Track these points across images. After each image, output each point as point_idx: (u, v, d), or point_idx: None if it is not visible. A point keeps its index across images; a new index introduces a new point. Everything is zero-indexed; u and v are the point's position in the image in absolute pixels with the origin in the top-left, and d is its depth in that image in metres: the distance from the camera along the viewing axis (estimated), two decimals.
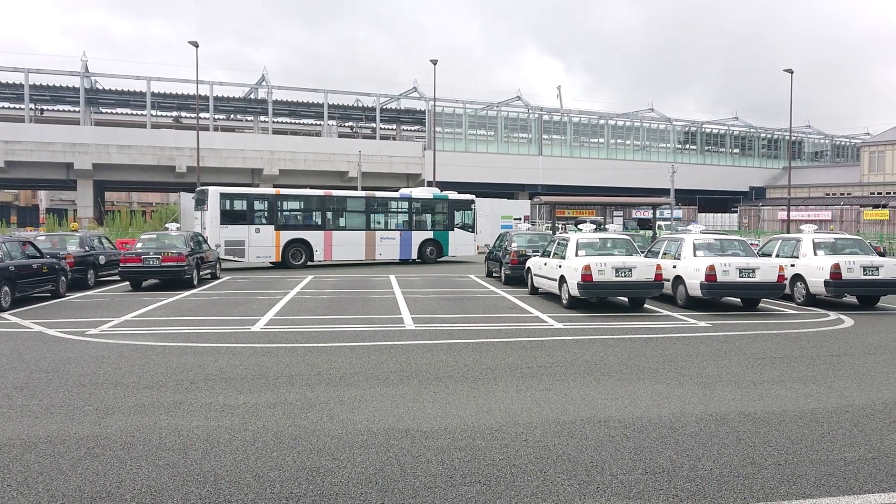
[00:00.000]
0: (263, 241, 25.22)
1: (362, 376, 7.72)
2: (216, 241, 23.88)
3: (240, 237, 24.74)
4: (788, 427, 5.84)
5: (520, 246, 19.29)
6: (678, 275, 14.20)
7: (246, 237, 24.87)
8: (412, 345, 9.78)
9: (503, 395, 6.88)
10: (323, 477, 4.66)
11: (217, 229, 24.23)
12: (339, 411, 6.28)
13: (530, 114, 65.86)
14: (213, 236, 23.82)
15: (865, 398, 6.86)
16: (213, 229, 24.10)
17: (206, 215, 24.50)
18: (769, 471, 4.82)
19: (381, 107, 63.50)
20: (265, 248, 25.26)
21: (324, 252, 26.46)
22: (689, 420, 6.05)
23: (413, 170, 59.06)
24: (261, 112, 63.03)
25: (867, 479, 4.68)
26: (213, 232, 24.01)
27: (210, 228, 24.10)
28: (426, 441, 5.42)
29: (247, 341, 10.02)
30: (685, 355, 9.13)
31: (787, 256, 15.28)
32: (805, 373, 8.06)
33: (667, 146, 72.08)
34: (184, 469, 4.80)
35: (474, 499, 4.31)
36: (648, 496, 4.36)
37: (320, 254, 26.38)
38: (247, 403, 6.55)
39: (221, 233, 24.30)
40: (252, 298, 15.54)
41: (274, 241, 25.42)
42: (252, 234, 24.99)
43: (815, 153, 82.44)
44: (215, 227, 24.22)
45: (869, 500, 4.32)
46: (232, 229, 24.60)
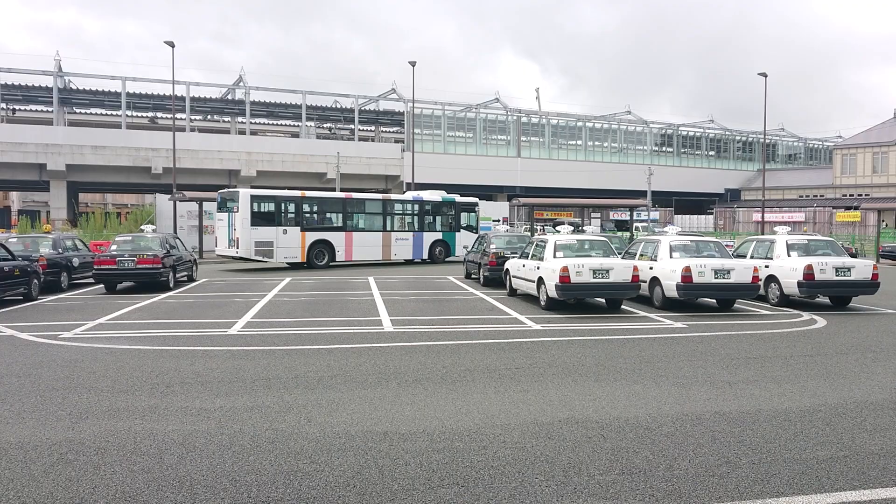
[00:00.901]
0: (290, 242, 25.74)
1: (340, 379, 7.69)
2: (247, 242, 24.55)
3: (269, 238, 25.21)
4: (762, 426, 5.92)
5: (498, 248, 19.34)
6: (655, 276, 14.32)
7: (274, 238, 25.35)
8: (390, 347, 9.77)
9: (481, 397, 6.89)
10: (300, 480, 4.63)
11: (248, 231, 24.68)
12: (317, 414, 6.25)
13: (509, 116, 66.07)
14: (243, 237, 24.50)
15: (837, 398, 6.96)
16: (243, 230, 24.58)
17: (235, 217, 24.80)
18: (744, 470, 4.87)
19: (360, 108, 63.33)
20: (292, 248, 25.79)
21: (345, 252, 27.12)
22: (666, 420, 6.11)
23: (392, 171, 58.97)
24: (238, 113, 62.55)
25: (839, 477, 4.75)
26: (243, 233, 24.56)
27: (241, 230, 24.56)
28: (404, 443, 5.41)
29: (223, 344, 9.94)
30: (662, 356, 9.21)
31: (762, 258, 15.47)
32: (779, 373, 8.16)
33: (644, 148, 72.67)
34: (159, 474, 4.75)
35: (452, 500, 4.32)
36: (625, 496, 4.40)
37: (342, 254, 27.01)
38: (223, 407, 6.50)
39: (252, 234, 24.77)
40: (229, 301, 15.42)
41: (300, 242, 25.98)
42: (280, 235, 25.49)
43: (788, 156, 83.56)
44: (246, 229, 24.66)
45: (841, 497, 4.39)
46: (261, 230, 25.06)
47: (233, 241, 24.98)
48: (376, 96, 64.59)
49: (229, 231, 25.03)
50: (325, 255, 26.46)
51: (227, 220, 25.38)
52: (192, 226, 36.62)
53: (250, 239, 24.71)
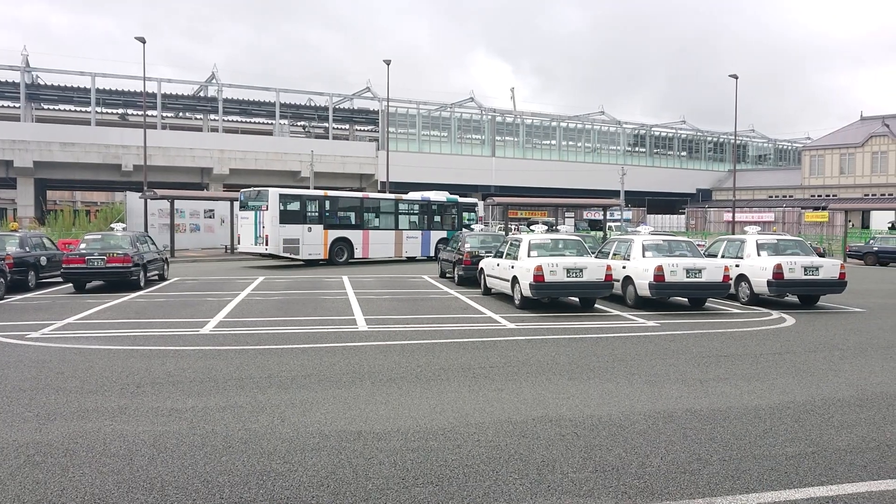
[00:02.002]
0: (314, 240, 26.81)
1: (314, 378, 7.65)
2: (275, 239, 25.39)
3: (295, 235, 26.15)
4: (733, 423, 6.00)
5: (473, 247, 19.37)
6: (628, 275, 14.44)
7: (300, 235, 26.33)
8: (365, 346, 9.73)
9: (456, 396, 6.90)
10: (273, 481, 4.60)
11: (277, 228, 25.53)
12: (291, 414, 6.21)
13: (483, 115, 66.20)
14: (272, 235, 25.36)
15: (806, 395, 7.08)
16: (272, 228, 25.42)
17: (264, 215, 25.65)
18: (715, 466, 4.93)
19: (334, 106, 63.04)
20: (316, 245, 26.84)
21: (362, 250, 28.22)
22: (638, 418, 6.16)
23: (366, 170, 58.79)
24: (211, 110, 61.86)
25: (807, 473, 4.83)
26: (272, 231, 25.40)
27: (270, 227, 25.40)
28: (378, 443, 5.40)
29: (195, 344, 9.83)
30: (634, 354, 9.29)
31: (732, 257, 15.68)
32: (749, 370, 8.28)
33: (617, 148, 73.28)
34: (129, 475, 4.68)
35: (427, 500, 4.31)
36: (598, 494, 4.43)
37: (359, 251, 28.08)
38: (195, 407, 6.43)
39: (280, 232, 25.59)
40: (201, 300, 15.25)
41: (322, 240, 27.07)
42: (305, 233, 26.51)
43: (758, 156, 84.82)
44: (275, 227, 25.50)
45: (809, 493, 4.47)
46: (288, 228, 25.95)
47: (260, 239, 25.78)
48: (351, 95, 64.33)
49: (256, 229, 25.87)
50: (344, 253, 27.56)
51: (254, 218, 26.16)
52: (163, 224, 36.21)
53: (279, 236, 25.53)
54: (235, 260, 31.37)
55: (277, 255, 25.99)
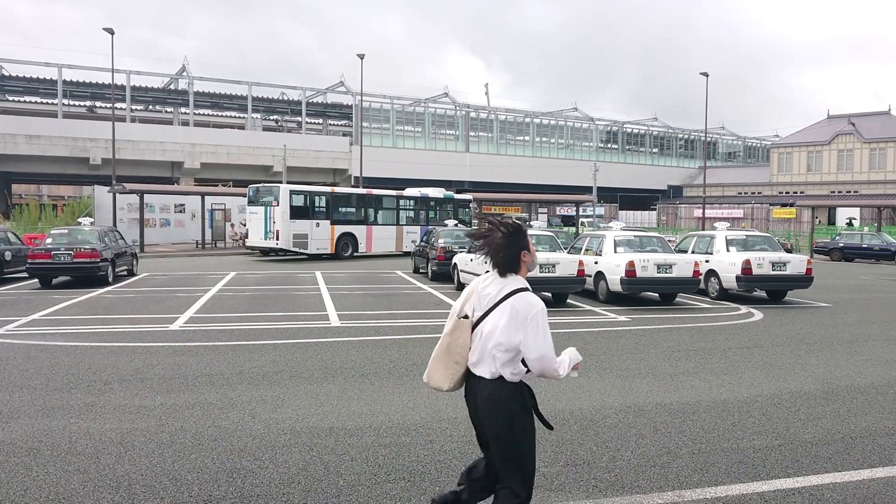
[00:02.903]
0: (322, 235, 27.68)
1: (286, 374, 7.59)
2: (286, 234, 26.25)
3: (304, 231, 27.10)
4: (702, 417, 6.07)
5: (446, 242, 19.37)
6: (600, 270, 14.55)
7: (309, 231, 27.24)
8: (337, 342, 9.68)
9: (428, 391, 6.88)
10: (244, 478, 4.55)
11: (287, 223, 26.40)
12: (262, 411, 6.15)
13: (457, 111, 66.15)
14: (283, 230, 26.24)
15: (773, 388, 7.19)
16: (283, 223, 26.31)
17: (274, 210, 26.48)
18: (684, 460, 4.99)
19: (307, 101, 62.50)
20: (323, 240, 27.72)
21: (366, 245, 29.08)
22: (609, 412, 6.21)
23: (340, 165, 58.42)
24: (181, 103, 60.95)
25: (774, 465, 4.91)
26: (283, 226, 26.30)
27: (280, 223, 26.29)
28: (351, 439, 5.37)
29: (165, 340, 9.70)
30: (605, 349, 9.36)
31: (702, 253, 15.87)
32: (718, 364, 8.39)
33: (590, 145, 73.70)
34: (95, 474, 4.60)
35: (399, 495, 4.30)
36: (569, 488, 4.45)
37: (363, 246, 28.92)
38: (164, 404, 6.34)
39: (290, 227, 26.49)
40: (171, 296, 15.06)
41: (329, 235, 27.94)
42: (313, 228, 27.42)
43: (728, 154, 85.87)
44: (286, 222, 26.38)
45: (776, 485, 4.53)
46: (298, 223, 26.85)
47: (270, 234, 26.60)
48: (324, 89, 63.83)
49: (266, 224, 26.65)
50: (349, 247, 28.46)
51: (264, 213, 26.86)
52: (132, 219, 35.68)
53: (289, 231, 26.43)
54: (207, 255, 31.03)
55: (287, 249, 26.78)
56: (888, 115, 64.07)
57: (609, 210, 68.59)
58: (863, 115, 64.70)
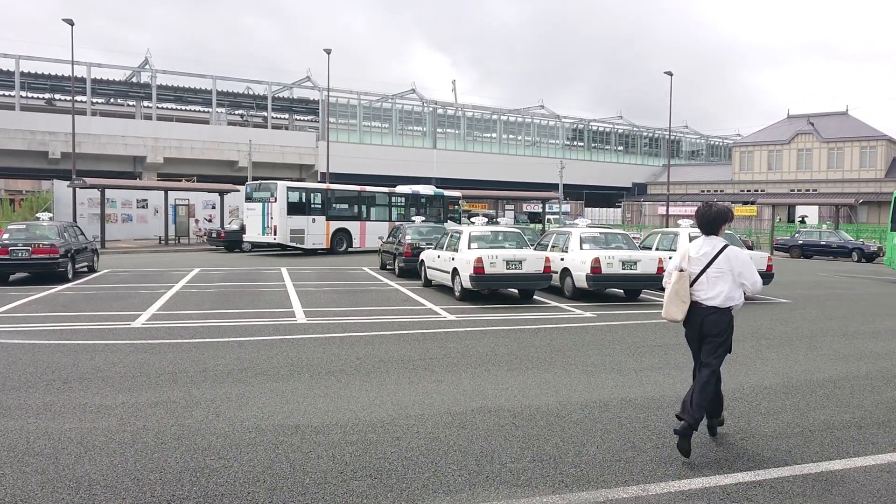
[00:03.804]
0: (318, 230, 28.42)
1: (251, 372, 7.50)
2: (283, 229, 27.02)
3: (301, 226, 27.83)
4: (666, 412, 6.15)
5: (413, 238, 19.34)
6: (566, 267, 14.66)
7: (305, 226, 27.99)
8: (303, 339, 9.61)
9: (395, 388, 6.88)
10: (208, 477, 4.49)
11: (284, 219, 27.15)
12: (226, 409, 6.08)
13: (425, 107, 66.07)
14: (280, 225, 27.00)
15: (735, 383, 7.31)
16: (280, 219, 27.04)
17: (272, 206, 27.21)
18: (648, 454, 5.05)
19: (273, 95, 61.85)
20: (319, 235, 28.43)
21: (360, 240, 29.67)
22: (575, 407, 6.26)
23: (306, 160, 57.97)
24: (144, 97, 59.83)
25: (736, 459, 4.99)
26: (280, 221, 27.03)
27: (278, 218, 27.01)
28: (317, 436, 5.33)
29: (126, 338, 9.53)
30: (571, 345, 9.44)
31: (666, 249, 16.08)
32: (681, 360, 8.50)
33: (556, 142, 74.22)
34: (54, 475, 4.50)
35: (365, 493, 4.29)
36: (536, 483, 4.48)
37: (357, 241, 29.56)
38: (126, 403, 6.23)
39: (287, 222, 27.24)
40: (133, 293, 14.80)
41: (325, 230, 28.69)
42: (309, 224, 28.16)
43: (691, 152, 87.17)
44: (283, 217, 27.12)
45: (737, 478, 4.61)
46: (295, 219, 27.60)
47: (268, 229, 27.42)
48: (290, 84, 63.22)
49: (264, 219, 27.42)
50: (344, 242, 29.18)
51: (262, 209, 27.59)
52: (93, 214, 35.02)
53: (286, 227, 27.18)
54: (170, 251, 30.57)
55: (285, 244, 27.57)
56: (846, 116, 65.62)
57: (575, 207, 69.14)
58: (821, 116, 66.17)
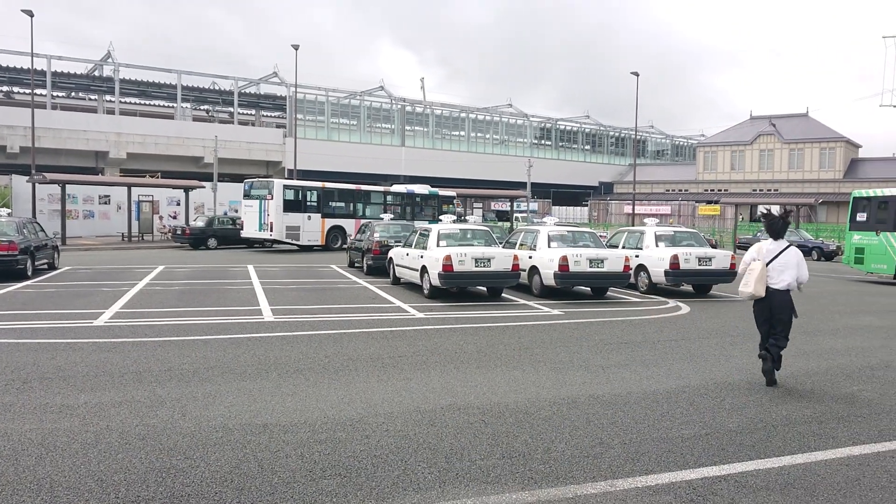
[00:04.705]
0: (313, 227, 29.20)
1: (217, 371, 7.41)
2: (279, 226, 27.88)
3: (297, 223, 28.62)
4: (633, 408, 6.22)
5: (382, 236, 19.29)
6: (534, 265, 14.74)
7: (301, 223, 28.76)
8: (271, 337, 9.52)
9: (364, 386, 6.85)
10: (174, 478, 4.43)
11: (281, 216, 27.98)
12: (192, 408, 5.99)
13: (393, 104, 65.89)
14: (277, 222, 27.82)
15: (700, 379, 7.43)
16: (277, 216, 27.87)
17: (269, 203, 28.03)
18: (616, 450, 5.10)
19: (240, 91, 61.12)
20: (314, 232, 29.22)
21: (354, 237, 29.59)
22: (544, 404, 6.30)
23: (273, 157, 57.42)
24: (106, 91, 58.66)
25: (702, 453, 5.07)
26: (277, 218, 27.86)
27: (274, 215, 27.83)
28: (285, 435, 5.29)
29: (89, 336, 9.34)
30: (540, 342, 9.50)
31: (633, 248, 16.27)
32: (647, 357, 8.62)
33: (524, 141, 74.61)
34: (14, 476, 4.39)
35: (334, 491, 4.26)
36: (505, 480, 4.49)
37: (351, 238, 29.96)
38: (88, 403, 6.11)
39: (283, 219, 28.07)
40: (95, 290, 14.52)
41: (320, 227, 29.45)
42: (305, 221, 28.91)
43: (657, 152, 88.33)
44: (280, 215, 27.95)
45: (703, 473, 4.69)
46: (291, 216, 28.43)
47: (264, 226, 28.24)
48: (257, 79, 62.51)
49: (261, 216, 28.25)
50: (339, 240, 29.73)
51: (259, 206, 28.39)
52: (53, 210, 34.26)
53: (283, 223, 28.03)
54: (133, 248, 30.06)
55: (280, 240, 28.49)
56: (806, 118, 67.03)
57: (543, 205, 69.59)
58: (783, 117, 67.50)
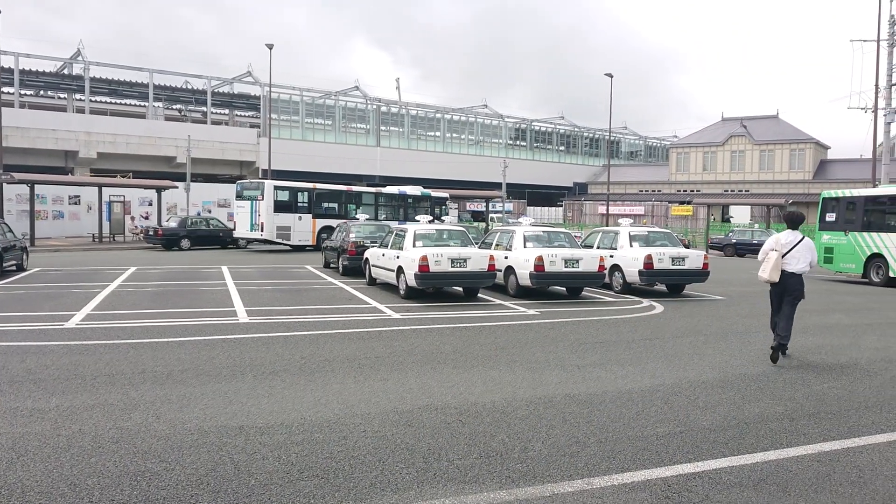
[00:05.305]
0: (304, 227, 29.76)
1: (192, 373, 7.34)
2: (270, 226, 28.48)
3: (287, 224, 29.20)
4: (608, 407, 6.28)
5: (358, 236, 19.23)
6: (510, 265, 14.80)
7: (292, 224, 29.35)
8: (246, 338, 9.45)
9: (341, 387, 6.83)
10: (149, 481, 4.38)
11: (272, 217, 28.61)
12: (167, 411, 5.93)
13: (368, 104, 65.72)
14: (267, 223, 28.43)
15: (674, 378, 7.52)
16: (267, 216, 28.50)
17: (260, 204, 28.62)
18: (592, 449, 5.15)
19: (213, 90, 60.51)
20: (305, 232, 29.72)
21: None
22: (520, 404, 6.33)
23: (247, 157, 56.96)
24: (76, 89, 57.72)
25: (676, 451, 5.13)
26: (267, 219, 28.46)
27: (265, 216, 28.44)
28: (261, 437, 5.26)
29: (60, 339, 9.20)
30: (516, 342, 9.54)
31: (607, 248, 16.41)
32: (622, 356, 8.70)
33: (499, 142, 74.84)
34: None
35: (312, 493, 4.25)
36: (483, 479, 4.51)
37: None
38: (60, 406, 6.02)
39: (274, 220, 28.69)
40: (66, 292, 14.29)
41: (311, 228, 29.92)
42: (296, 222, 29.51)
43: (630, 153, 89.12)
44: (270, 215, 28.58)
45: (678, 470, 4.75)
46: (281, 217, 29.02)
47: (256, 226, 28.86)
48: (231, 78, 61.92)
49: (252, 217, 28.85)
50: None
51: (250, 207, 28.98)
52: (22, 210, 33.72)
53: (273, 224, 28.62)
54: (105, 249, 29.64)
55: (271, 240, 29.02)
56: (776, 119, 68.07)
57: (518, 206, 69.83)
58: (754, 119, 68.49)
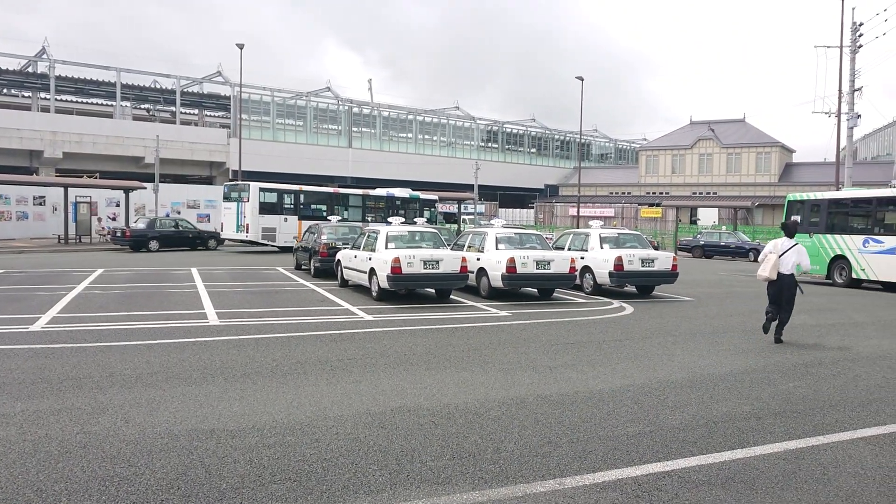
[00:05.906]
0: (289, 229, 29.81)
1: (161, 376, 7.25)
2: (255, 227, 28.71)
3: (273, 225, 29.49)
4: (580, 407, 6.34)
5: (330, 238, 19.14)
6: (482, 267, 14.85)
7: (277, 225, 29.62)
8: (216, 341, 9.36)
9: (313, 390, 6.80)
10: (117, 486, 4.32)
11: (257, 218, 28.88)
12: (136, 414, 5.85)
13: (340, 105, 65.45)
14: (253, 224, 28.64)
15: (644, 378, 7.61)
16: (253, 218, 28.70)
17: (245, 206, 28.90)
18: (564, 449, 5.20)
19: (182, 90, 59.75)
20: (290, 234, 29.70)
21: None
22: (493, 405, 6.36)
23: (217, 157, 56.33)
24: (41, 88, 56.63)
25: (646, 450, 5.20)
26: (253, 220, 28.68)
27: (250, 217, 28.66)
28: (233, 440, 5.22)
29: (24, 342, 9.02)
30: (488, 343, 9.58)
31: (578, 250, 16.54)
32: (593, 356, 8.78)
33: (471, 143, 74.99)
34: None
35: (284, 496, 4.23)
36: (456, 480, 4.53)
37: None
38: (25, 411, 5.91)
39: (259, 221, 28.91)
40: (31, 294, 14.02)
41: (297, 229, 29.83)
42: (281, 223, 29.75)
43: (601, 155, 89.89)
44: (255, 216, 28.82)
45: (647, 469, 4.81)
46: (267, 218, 29.32)
47: (241, 227, 29.07)
48: (200, 78, 61.19)
49: (238, 218, 29.12)
50: None
51: (236, 208, 29.26)
52: None
53: (258, 225, 28.88)
54: (71, 251, 29.12)
55: (257, 241, 29.18)
56: (743, 123, 69.17)
57: (490, 208, 70.04)
58: (721, 122, 69.52)
